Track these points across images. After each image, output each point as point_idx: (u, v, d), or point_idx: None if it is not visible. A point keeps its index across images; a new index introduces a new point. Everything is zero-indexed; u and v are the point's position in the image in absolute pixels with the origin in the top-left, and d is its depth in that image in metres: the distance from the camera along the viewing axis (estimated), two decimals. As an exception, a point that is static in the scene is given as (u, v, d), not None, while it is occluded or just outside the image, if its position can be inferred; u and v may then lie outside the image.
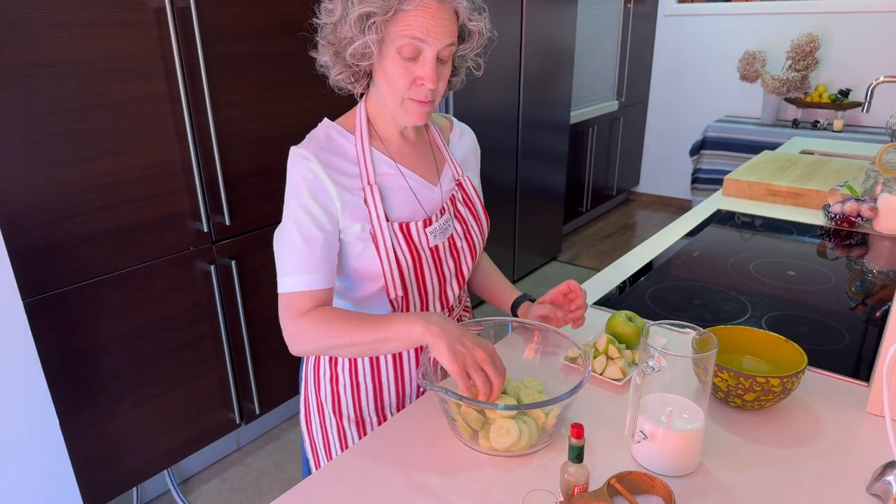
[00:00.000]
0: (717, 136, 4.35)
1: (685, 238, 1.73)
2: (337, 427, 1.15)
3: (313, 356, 1.13)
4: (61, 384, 1.68)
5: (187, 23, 1.75)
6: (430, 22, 0.89)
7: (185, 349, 1.97)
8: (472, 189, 1.13)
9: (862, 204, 1.75)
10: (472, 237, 1.11)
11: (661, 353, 0.80)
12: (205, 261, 1.95)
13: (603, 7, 4.19)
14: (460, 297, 1.18)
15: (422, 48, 0.91)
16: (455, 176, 1.12)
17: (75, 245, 1.64)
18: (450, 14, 0.92)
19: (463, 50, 1.00)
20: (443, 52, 0.93)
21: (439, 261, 1.07)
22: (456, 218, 1.10)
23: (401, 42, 0.90)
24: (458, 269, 1.10)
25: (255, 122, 2.00)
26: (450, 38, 0.92)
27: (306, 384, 1.19)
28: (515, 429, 0.85)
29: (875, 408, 0.97)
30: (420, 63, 0.93)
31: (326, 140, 1.02)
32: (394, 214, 1.02)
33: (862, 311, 1.30)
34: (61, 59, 1.53)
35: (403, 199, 1.03)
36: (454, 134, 1.17)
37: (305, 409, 1.20)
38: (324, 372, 1.14)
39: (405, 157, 1.06)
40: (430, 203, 1.06)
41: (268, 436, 2.38)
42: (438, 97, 0.98)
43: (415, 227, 1.02)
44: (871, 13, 3.98)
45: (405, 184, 1.04)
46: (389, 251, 1.00)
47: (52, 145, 1.55)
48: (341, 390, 1.13)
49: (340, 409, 1.14)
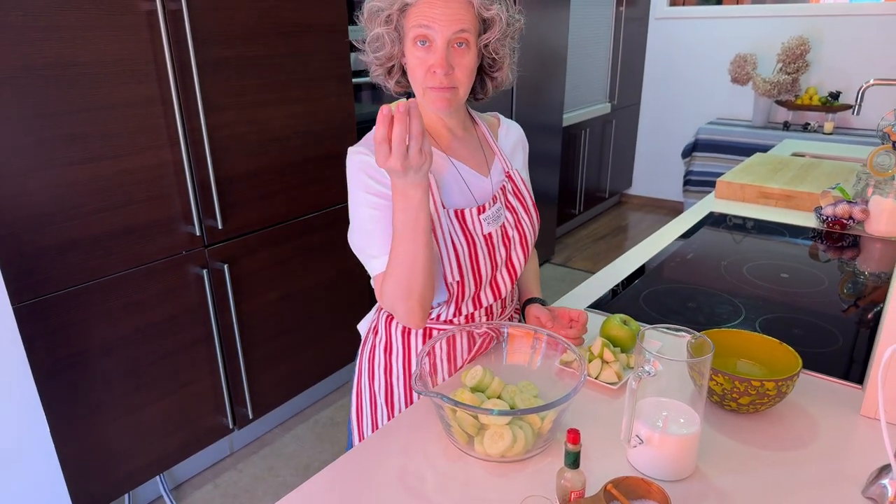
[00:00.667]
0: (708, 138, 4.37)
1: (678, 240, 1.74)
2: (386, 419, 1.18)
3: (368, 347, 1.19)
4: (51, 390, 1.66)
5: (179, 25, 1.74)
6: (436, 10, 0.93)
7: (178, 354, 1.95)
8: (521, 182, 1.16)
9: (853, 206, 1.76)
10: (524, 227, 1.14)
11: (656, 358, 0.80)
12: (197, 265, 1.94)
13: (595, 10, 4.20)
14: (512, 294, 1.21)
15: (432, 36, 0.95)
16: (505, 168, 1.15)
17: (66, 249, 1.62)
18: (460, 2, 0.95)
19: (485, 39, 1.01)
20: (455, 37, 0.95)
21: (492, 247, 1.09)
22: (507, 208, 1.12)
23: (413, 32, 0.96)
24: (509, 257, 1.13)
25: (247, 125, 1.99)
26: (459, 25, 0.94)
27: (360, 376, 1.22)
28: (510, 434, 0.85)
29: (869, 410, 0.97)
30: (433, 51, 0.96)
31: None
32: (449, 202, 1.05)
33: (854, 313, 1.30)
34: (51, 63, 1.51)
35: (456, 188, 1.07)
36: (501, 129, 1.21)
37: (357, 400, 1.23)
38: (378, 362, 1.17)
39: (455, 151, 1.10)
40: (481, 192, 1.10)
41: (261, 441, 2.36)
42: (461, 86, 1.00)
43: (469, 213, 1.06)
44: (860, 16, 4.02)
45: (457, 174, 1.08)
46: (447, 237, 1.03)
47: (42, 149, 1.54)
48: (394, 381, 1.16)
49: (393, 400, 1.17)
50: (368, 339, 1.21)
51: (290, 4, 2.03)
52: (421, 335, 1.14)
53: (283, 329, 2.28)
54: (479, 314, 1.14)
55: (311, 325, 2.39)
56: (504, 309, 1.19)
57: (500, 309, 1.17)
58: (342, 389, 2.68)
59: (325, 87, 2.22)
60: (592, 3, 4.16)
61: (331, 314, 2.46)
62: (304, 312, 2.35)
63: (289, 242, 2.22)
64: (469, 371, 0.98)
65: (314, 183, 2.26)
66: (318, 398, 2.60)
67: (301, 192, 2.22)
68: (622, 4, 4.40)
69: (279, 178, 2.13)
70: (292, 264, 2.26)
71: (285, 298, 2.26)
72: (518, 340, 1.06)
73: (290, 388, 2.37)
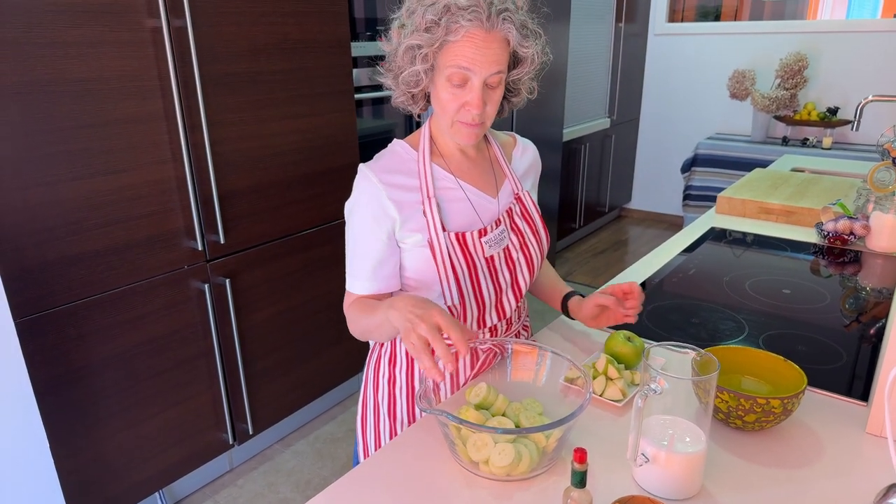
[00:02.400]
0: (707, 153, 4.39)
1: (680, 255, 1.74)
2: (390, 430, 1.18)
3: (375, 357, 1.20)
4: (52, 405, 1.66)
5: (183, 42, 1.76)
6: (476, 52, 0.94)
7: (178, 369, 1.95)
8: (531, 203, 1.16)
9: (854, 222, 1.77)
10: (530, 250, 1.14)
11: (662, 376, 0.80)
12: (199, 279, 1.94)
13: (594, 27, 4.24)
14: (519, 312, 1.21)
15: (469, 76, 0.96)
16: (514, 190, 1.16)
17: (68, 264, 1.62)
18: (499, 42, 0.95)
19: (516, 75, 1.03)
20: (490, 79, 0.97)
21: (495, 271, 1.10)
22: (512, 230, 1.13)
23: (449, 71, 0.96)
24: (514, 280, 1.13)
25: (250, 141, 2.00)
26: (497, 67, 0.96)
27: (366, 386, 1.22)
28: (514, 452, 0.85)
29: (875, 428, 0.97)
30: (468, 89, 0.97)
31: (391, 158, 1.08)
32: (451, 225, 1.07)
33: (856, 329, 1.30)
34: (57, 79, 1.52)
35: (461, 211, 1.08)
36: (517, 150, 1.22)
37: (363, 411, 1.23)
38: (383, 373, 1.18)
39: (465, 172, 1.10)
40: (488, 215, 1.11)
41: (261, 456, 2.35)
42: (488, 119, 1.02)
43: (470, 236, 1.06)
44: (856, 33, 4.05)
45: (464, 196, 1.09)
46: (445, 259, 1.04)
47: (46, 164, 1.54)
48: (397, 392, 1.16)
49: (395, 411, 1.17)
50: (375, 349, 1.21)
51: (294, 21, 2.04)
52: None
53: (284, 344, 2.28)
54: (483, 332, 1.14)
55: (312, 340, 2.39)
56: (509, 327, 1.19)
57: (504, 328, 1.17)
58: (343, 405, 2.67)
59: (327, 103, 2.23)
60: (592, 19, 4.19)
61: (332, 329, 2.46)
62: (306, 327, 2.35)
63: (291, 257, 2.22)
64: (473, 388, 0.98)
65: (316, 198, 2.27)
66: (318, 413, 2.59)
67: (303, 207, 2.23)
68: (621, 20, 4.44)
69: (281, 193, 2.14)
70: (294, 279, 2.26)
71: (286, 313, 2.26)
72: (522, 357, 1.05)
73: (290, 403, 2.36)
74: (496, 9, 0.93)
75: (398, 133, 2.74)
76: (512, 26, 0.95)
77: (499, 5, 0.94)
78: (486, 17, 0.93)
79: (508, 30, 0.95)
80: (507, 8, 0.95)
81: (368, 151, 2.20)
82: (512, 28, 0.95)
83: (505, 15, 0.94)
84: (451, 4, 0.93)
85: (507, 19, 0.95)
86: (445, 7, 0.93)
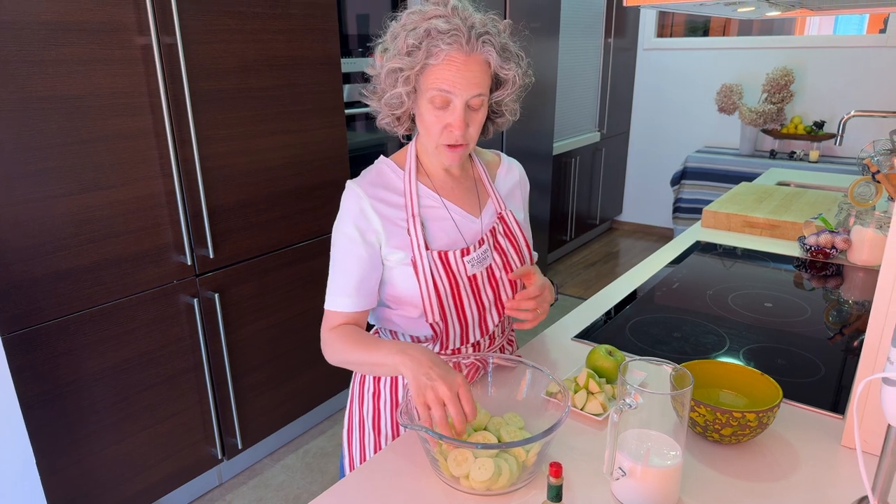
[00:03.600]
0: (697, 166, 4.43)
1: (666, 269, 1.76)
2: (375, 444, 1.19)
3: (360, 372, 1.20)
4: (39, 421, 1.66)
5: (174, 59, 1.78)
6: (457, 75, 0.96)
7: (167, 383, 1.95)
8: (514, 223, 1.18)
9: (836, 236, 1.79)
10: (513, 268, 1.15)
11: (637, 391, 0.81)
12: (188, 294, 1.94)
13: (583, 41, 4.29)
14: (502, 327, 1.22)
15: (451, 99, 0.98)
16: (497, 210, 1.17)
17: (57, 280, 1.63)
18: (480, 65, 0.97)
19: (498, 97, 1.05)
20: (472, 100, 0.99)
21: (477, 290, 1.11)
22: (495, 249, 1.14)
23: (431, 93, 0.98)
24: (497, 298, 1.14)
25: (240, 156, 2.02)
26: (478, 89, 0.98)
27: (352, 400, 1.24)
28: (494, 466, 0.86)
29: (850, 441, 0.98)
30: (450, 111, 0.99)
31: (377, 175, 1.11)
32: (434, 244, 1.08)
33: (838, 342, 1.32)
34: (48, 96, 1.54)
35: (445, 230, 1.10)
36: (502, 169, 1.23)
37: (349, 425, 1.24)
38: (368, 388, 1.19)
39: (449, 191, 1.12)
40: (471, 234, 1.12)
41: (250, 471, 2.34)
42: (472, 141, 1.04)
43: (453, 255, 1.08)
44: (841, 48, 4.12)
45: (448, 215, 1.10)
46: (428, 277, 1.06)
47: (36, 181, 1.55)
48: (382, 407, 1.17)
49: (379, 425, 1.18)
50: None
51: (284, 38, 2.07)
52: None
53: (273, 358, 2.28)
54: (466, 349, 1.15)
55: (302, 355, 2.39)
56: (492, 343, 1.20)
57: (487, 343, 1.19)
58: (332, 419, 2.66)
59: (318, 119, 2.25)
60: (581, 34, 4.25)
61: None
62: (295, 341, 2.35)
63: (280, 271, 2.23)
64: (455, 403, 0.99)
65: (306, 212, 2.29)
66: (308, 428, 2.59)
67: (293, 222, 2.24)
68: (610, 35, 4.49)
69: (271, 208, 2.15)
70: (283, 293, 2.26)
71: (276, 327, 2.26)
72: (503, 372, 1.07)
73: (280, 417, 2.36)
74: (476, 32, 0.96)
75: (389, 147, 2.76)
76: (492, 49, 0.97)
77: (479, 28, 0.96)
78: (466, 40, 0.95)
79: (489, 52, 0.97)
80: (487, 31, 0.97)
81: (359, 166, 2.22)
82: (492, 51, 0.97)
83: (485, 38, 0.97)
84: (432, 29, 0.95)
85: (488, 42, 0.97)
86: (426, 31, 0.95)
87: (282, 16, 2.05)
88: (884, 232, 1.72)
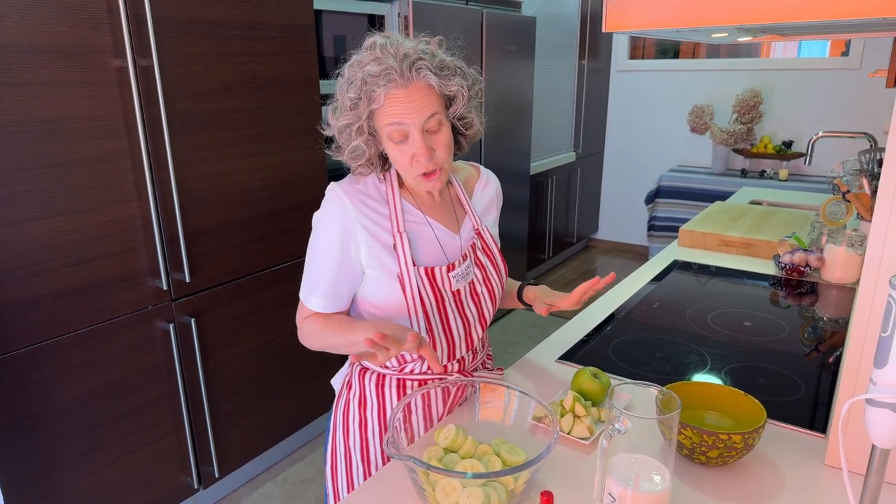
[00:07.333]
0: (670, 185, 4.51)
1: (646, 287, 1.77)
2: (364, 476, 1.16)
3: (343, 402, 1.20)
4: (6, 453, 1.60)
5: (150, 81, 1.76)
6: (403, 107, 0.97)
7: (141, 411, 1.90)
8: (490, 238, 1.19)
9: (809, 254, 1.83)
10: (492, 283, 1.17)
11: (626, 416, 0.81)
12: (163, 319, 1.90)
13: (558, 63, 4.36)
14: (483, 341, 1.23)
15: (406, 130, 0.99)
16: (474, 226, 1.18)
17: (28, 307, 1.58)
18: (421, 91, 0.98)
19: (453, 112, 1.05)
20: (427, 124, 0.99)
21: (461, 304, 1.12)
22: (476, 264, 1.15)
23: (387, 130, 1.00)
24: (481, 312, 1.16)
25: (217, 178, 1.99)
26: (428, 112, 0.98)
27: (334, 432, 1.21)
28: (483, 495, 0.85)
29: (833, 460, 0.99)
30: (410, 143, 1.00)
31: (364, 183, 1.11)
32: (420, 260, 1.09)
33: (815, 359, 1.34)
34: (20, 118, 1.51)
35: (429, 246, 1.10)
36: (480, 183, 1.23)
37: (332, 458, 1.21)
38: (353, 418, 1.17)
39: (430, 208, 1.13)
40: (452, 250, 1.13)
41: (227, 500, 2.28)
42: (444, 163, 1.04)
43: (439, 271, 1.08)
44: (807, 70, 4.25)
45: (431, 232, 1.11)
46: (415, 293, 1.06)
47: (8, 205, 1.51)
48: (370, 435, 1.16)
49: (369, 456, 1.16)
50: (343, 393, 1.20)
51: (263, 60, 2.06)
52: (395, 387, 1.14)
53: (251, 383, 2.24)
54: (452, 365, 1.15)
55: (280, 379, 2.35)
56: (475, 357, 1.21)
57: (471, 357, 1.19)
58: (311, 444, 2.62)
59: (296, 140, 2.24)
60: (556, 56, 4.31)
61: (300, 367, 2.43)
62: (273, 366, 2.31)
63: (257, 294, 2.20)
64: (442, 430, 0.98)
65: (284, 234, 2.26)
66: (286, 454, 2.54)
67: (270, 244, 2.22)
68: (584, 57, 4.57)
69: (249, 230, 2.13)
70: (261, 316, 2.23)
71: (253, 352, 2.22)
72: (490, 396, 1.06)
73: (257, 444, 2.31)
74: (409, 62, 0.96)
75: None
76: (429, 73, 0.97)
77: (412, 57, 0.96)
78: (400, 74, 0.95)
79: (426, 77, 0.97)
80: (420, 57, 0.97)
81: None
82: (430, 74, 0.97)
83: (418, 65, 0.97)
84: (366, 76, 0.97)
85: (423, 68, 0.97)
86: (362, 80, 0.97)
87: (260, 38, 2.04)
88: (855, 250, 1.76)
